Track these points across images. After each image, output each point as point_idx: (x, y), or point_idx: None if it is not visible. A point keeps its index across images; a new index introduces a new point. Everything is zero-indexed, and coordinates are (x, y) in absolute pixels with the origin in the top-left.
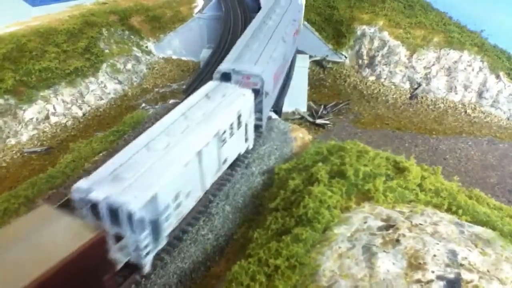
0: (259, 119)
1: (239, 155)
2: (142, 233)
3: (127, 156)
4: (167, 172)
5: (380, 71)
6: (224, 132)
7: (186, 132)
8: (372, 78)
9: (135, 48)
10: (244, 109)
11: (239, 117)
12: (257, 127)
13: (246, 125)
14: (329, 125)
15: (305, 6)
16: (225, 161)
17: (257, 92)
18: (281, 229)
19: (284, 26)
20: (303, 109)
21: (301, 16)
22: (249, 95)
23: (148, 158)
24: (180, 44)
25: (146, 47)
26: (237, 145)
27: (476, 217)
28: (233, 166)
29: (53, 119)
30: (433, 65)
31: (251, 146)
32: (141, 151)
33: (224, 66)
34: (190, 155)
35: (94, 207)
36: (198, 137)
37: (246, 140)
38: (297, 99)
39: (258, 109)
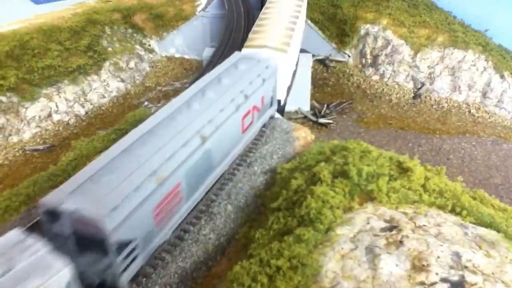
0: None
1: None
2: None
3: None
4: None
5: (383, 70)
6: None
7: None
8: (375, 77)
9: (138, 47)
10: None
11: None
12: None
13: None
14: (332, 125)
15: (309, 4)
16: None
17: (101, 243)
18: (283, 229)
19: (215, 109)
20: (306, 108)
21: (269, 86)
22: (60, 271)
23: None
24: (183, 43)
25: (149, 45)
26: None
27: (481, 219)
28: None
29: (56, 117)
30: (437, 64)
31: None
32: None
33: (51, 198)
34: None
35: None
36: None
37: None
38: (300, 98)
39: (107, 267)
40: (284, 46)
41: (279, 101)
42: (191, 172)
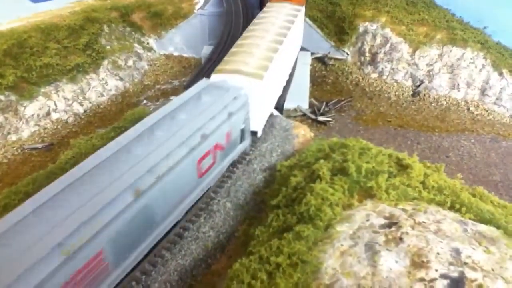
0: None
1: None
2: None
3: None
4: None
5: (382, 68)
6: None
7: None
8: (374, 75)
9: (136, 45)
10: None
11: None
12: None
13: None
14: (331, 122)
15: (308, 2)
16: None
17: None
18: (282, 227)
19: (159, 155)
20: (304, 106)
21: (238, 119)
22: None
23: None
24: (182, 41)
25: (148, 43)
26: None
27: (480, 215)
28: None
29: (54, 116)
30: (436, 62)
31: None
32: None
33: None
34: None
35: None
36: None
37: None
38: (299, 96)
39: None
40: (260, 71)
41: (255, 133)
42: (119, 236)
